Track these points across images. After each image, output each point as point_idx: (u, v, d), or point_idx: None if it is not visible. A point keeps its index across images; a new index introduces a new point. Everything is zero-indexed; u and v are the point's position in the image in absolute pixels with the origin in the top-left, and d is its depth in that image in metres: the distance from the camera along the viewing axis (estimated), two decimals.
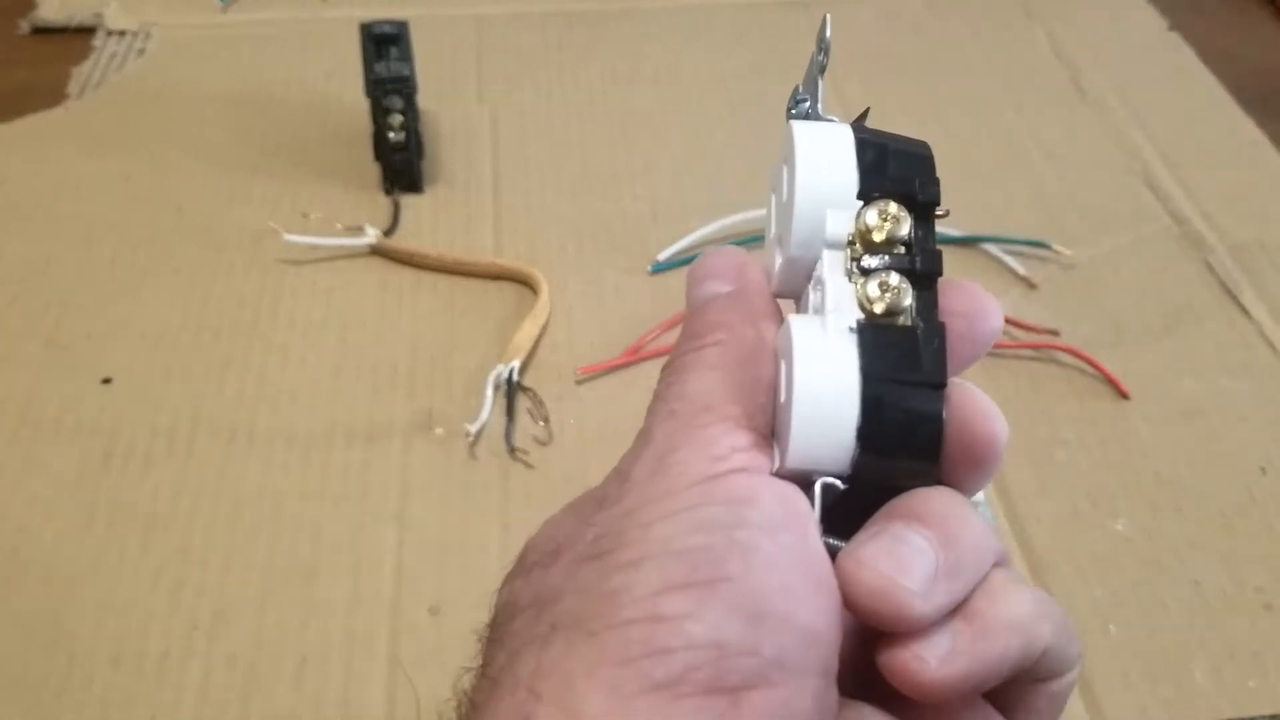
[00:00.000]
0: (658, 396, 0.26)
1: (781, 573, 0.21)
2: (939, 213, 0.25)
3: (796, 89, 0.28)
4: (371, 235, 0.62)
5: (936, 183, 0.25)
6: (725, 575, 0.21)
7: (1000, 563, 0.23)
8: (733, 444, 0.23)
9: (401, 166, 0.66)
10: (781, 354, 0.24)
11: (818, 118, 0.27)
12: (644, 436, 0.24)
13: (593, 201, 0.67)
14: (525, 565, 0.24)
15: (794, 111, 0.27)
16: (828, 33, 0.27)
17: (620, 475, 0.24)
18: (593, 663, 0.20)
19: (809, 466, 0.23)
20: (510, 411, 0.53)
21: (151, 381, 0.56)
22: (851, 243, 0.24)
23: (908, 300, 0.23)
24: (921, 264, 0.24)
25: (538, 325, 0.58)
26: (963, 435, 0.23)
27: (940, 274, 0.24)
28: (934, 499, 0.22)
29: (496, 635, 0.23)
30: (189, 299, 0.60)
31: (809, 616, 0.21)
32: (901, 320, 0.23)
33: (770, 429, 0.24)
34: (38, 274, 0.62)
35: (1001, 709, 0.25)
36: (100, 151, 0.70)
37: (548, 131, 0.72)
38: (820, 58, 0.27)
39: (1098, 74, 0.78)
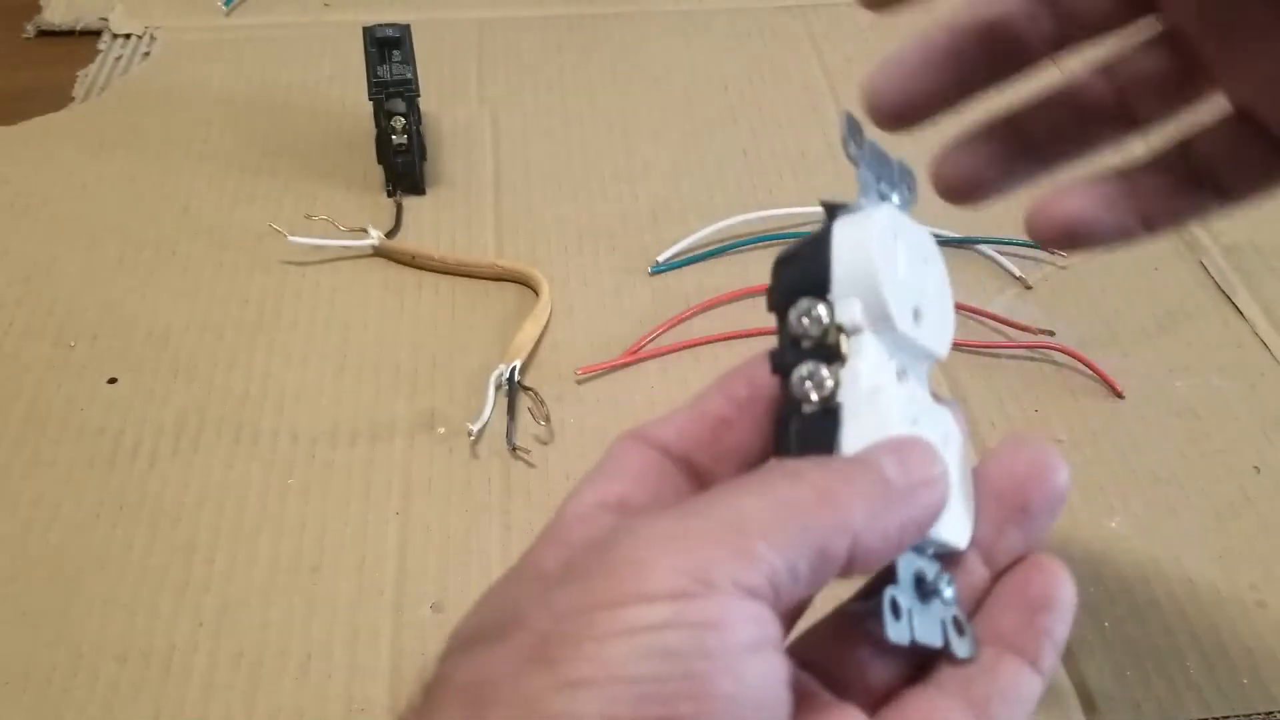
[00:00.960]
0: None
1: (735, 714, 0.20)
2: None
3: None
4: (374, 236, 0.63)
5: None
6: (674, 718, 0.20)
7: None
8: (736, 578, 0.21)
9: (404, 168, 0.66)
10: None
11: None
12: (634, 507, 0.23)
13: (593, 202, 0.68)
14: (463, 638, 0.23)
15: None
16: (844, 127, 0.27)
17: (606, 542, 0.22)
18: None
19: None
20: (511, 411, 0.54)
21: (157, 381, 0.56)
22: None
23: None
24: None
25: (538, 325, 0.58)
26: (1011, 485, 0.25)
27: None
28: None
29: (422, 702, 0.22)
30: (193, 299, 0.61)
31: None
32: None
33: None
34: (43, 274, 0.62)
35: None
36: (105, 153, 0.70)
37: (548, 133, 0.73)
38: (848, 149, 0.27)
39: None
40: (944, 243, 0.64)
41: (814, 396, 0.25)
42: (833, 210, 0.26)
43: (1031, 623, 0.25)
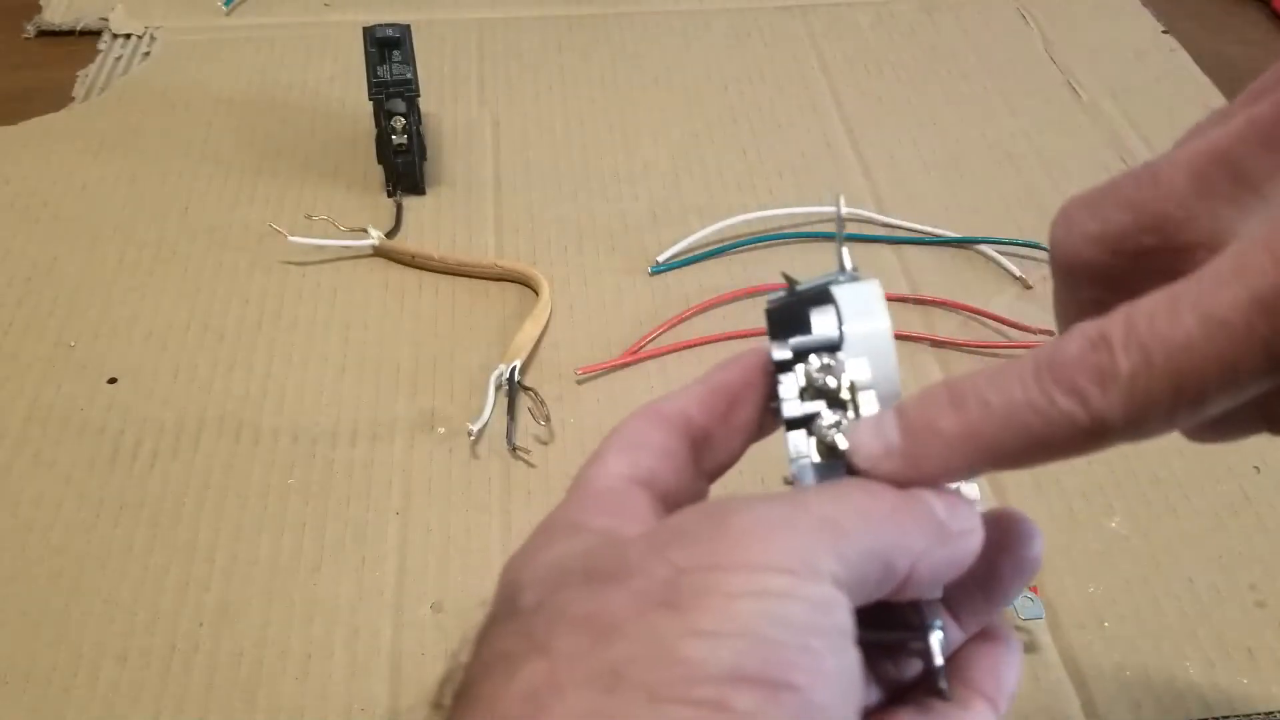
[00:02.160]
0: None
1: (836, 693, 0.22)
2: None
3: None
4: (374, 236, 0.63)
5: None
6: (791, 683, 0.21)
7: None
8: (834, 572, 0.23)
9: (404, 168, 0.66)
10: None
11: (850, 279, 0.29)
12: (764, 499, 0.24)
13: (593, 203, 0.68)
14: (550, 581, 0.24)
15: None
16: (842, 211, 0.30)
17: (719, 512, 0.23)
18: None
19: None
20: (511, 411, 0.54)
21: (157, 381, 0.56)
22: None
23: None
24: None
25: (538, 325, 0.58)
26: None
27: None
28: None
29: (526, 626, 0.23)
30: (194, 299, 0.61)
31: None
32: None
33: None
34: (44, 274, 0.62)
35: None
36: (105, 153, 0.70)
37: (548, 133, 0.73)
38: (840, 230, 0.30)
39: (1092, 76, 0.78)
40: (945, 243, 0.64)
41: (844, 444, 0.26)
42: (793, 283, 0.29)
43: (997, 675, 0.28)
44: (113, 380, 0.56)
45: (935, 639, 0.26)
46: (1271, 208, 0.24)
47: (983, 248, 0.64)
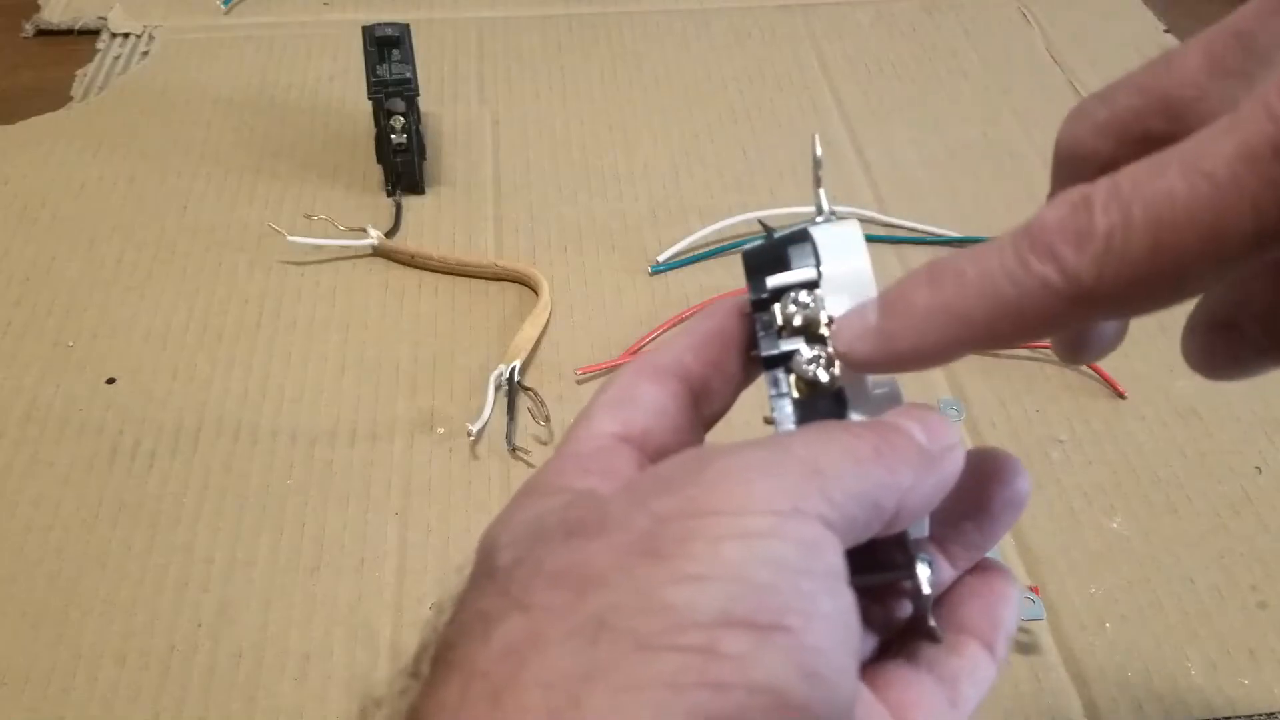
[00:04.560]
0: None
1: (833, 637, 0.21)
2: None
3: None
4: (374, 236, 0.63)
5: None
6: (785, 626, 0.20)
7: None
8: (821, 512, 0.22)
9: (403, 168, 0.66)
10: None
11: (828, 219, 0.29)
12: (749, 445, 0.23)
13: (593, 202, 0.68)
14: (526, 539, 0.23)
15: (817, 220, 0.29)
16: (818, 151, 0.29)
17: (699, 459, 0.23)
18: (642, 680, 0.20)
19: None
20: (511, 411, 0.54)
21: (156, 381, 0.56)
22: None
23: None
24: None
25: (538, 326, 0.58)
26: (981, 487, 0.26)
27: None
28: None
29: (503, 584, 0.22)
30: (193, 299, 0.61)
31: (847, 682, 0.21)
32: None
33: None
34: (42, 274, 0.62)
35: None
36: (104, 153, 0.70)
37: (548, 133, 0.73)
38: (817, 171, 0.29)
39: (1093, 76, 0.78)
40: (946, 242, 0.64)
41: (824, 379, 0.26)
42: (770, 230, 0.29)
43: (990, 614, 0.27)
44: (111, 380, 0.56)
45: (922, 572, 0.25)
46: (1275, 69, 0.22)
47: None
